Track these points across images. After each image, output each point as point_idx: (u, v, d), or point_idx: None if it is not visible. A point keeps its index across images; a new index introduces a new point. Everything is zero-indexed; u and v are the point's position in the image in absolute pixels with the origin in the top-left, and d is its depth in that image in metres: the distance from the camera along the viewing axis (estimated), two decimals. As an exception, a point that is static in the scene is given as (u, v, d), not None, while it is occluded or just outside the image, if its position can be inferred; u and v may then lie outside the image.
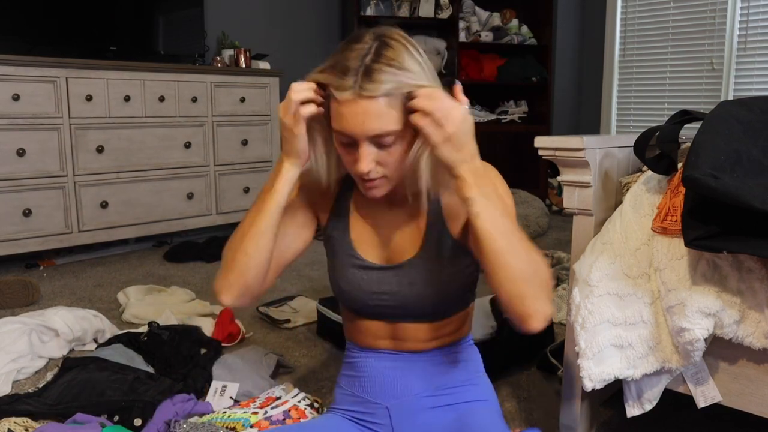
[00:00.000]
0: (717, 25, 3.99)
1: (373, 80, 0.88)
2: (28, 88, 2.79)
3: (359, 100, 0.89)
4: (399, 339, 1.13)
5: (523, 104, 4.91)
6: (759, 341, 1.03)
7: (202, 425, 1.29)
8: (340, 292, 1.13)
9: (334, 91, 0.91)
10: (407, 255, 1.08)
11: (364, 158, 0.92)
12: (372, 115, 0.89)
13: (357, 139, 0.92)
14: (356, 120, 0.90)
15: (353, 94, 0.89)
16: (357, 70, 0.89)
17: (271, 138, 3.79)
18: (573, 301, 1.19)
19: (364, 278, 1.09)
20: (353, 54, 0.91)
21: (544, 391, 1.67)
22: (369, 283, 1.09)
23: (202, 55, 3.74)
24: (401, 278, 1.07)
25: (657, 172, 1.23)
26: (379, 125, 0.90)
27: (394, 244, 1.09)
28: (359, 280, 1.10)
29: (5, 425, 1.37)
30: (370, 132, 0.91)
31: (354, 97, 0.89)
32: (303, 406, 1.47)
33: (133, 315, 2.21)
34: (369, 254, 1.10)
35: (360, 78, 0.89)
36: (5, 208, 2.78)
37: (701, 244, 0.98)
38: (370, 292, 1.09)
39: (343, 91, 0.89)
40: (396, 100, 0.90)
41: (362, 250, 1.10)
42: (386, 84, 0.88)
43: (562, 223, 4.02)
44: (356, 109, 0.89)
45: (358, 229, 1.11)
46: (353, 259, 1.10)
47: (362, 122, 0.90)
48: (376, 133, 0.91)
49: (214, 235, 3.51)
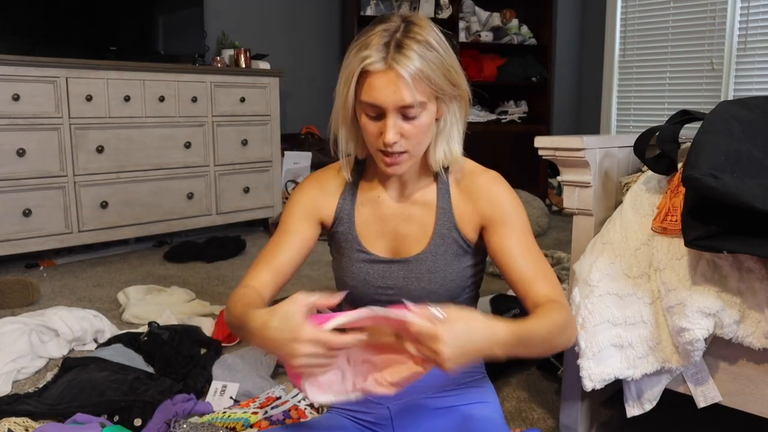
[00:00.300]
0: (717, 25, 3.99)
1: (404, 53, 0.94)
2: (28, 88, 2.79)
3: (391, 71, 0.94)
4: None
5: (523, 104, 4.91)
6: (759, 341, 1.03)
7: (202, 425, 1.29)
8: (346, 289, 1.13)
9: (366, 64, 0.95)
10: (414, 250, 1.08)
11: (391, 128, 0.96)
12: (403, 86, 0.94)
13: (386, 109, 0.96)
14: (388, 90, 0.94)
15: (385, 65, 0.94)
16: (389, 44, 0.95)
17: (271, 138, 3.79)
18: (573, 301, 1.19)
19: (370, 272, 1.10)
20: (384, 32, 0.97)
21: (544, 391, 1.67)
22: (375, 277, 1.09)
23: (202, 55, 3.74)
24: (407, 273, 1.08)
25: (657, 172, 1.23)
26: (409, 96, 0.94)
27: (401, 237, 1.10)
28: (365, 274, 1.10)
29: (5, 425, 1.37)
30: (400, 102, 0.95)
31: (386, 68, 0.94)
32: (303, 406, 1.47)
33: (133, 315, 2.21)
34: (375, 247, 1.11)
35: (392, 50, 0.94)
36: (5, 208, 2.78)
37: (701, 244, 0.98)
38: (375, 286, 1.09)
39: (377, 63, 0.94)
40: (423, 74, 0.95)
41: (368, 243, 1.11)
42: (416, 59, 0.94)
43: (562, 223, 4.02)
44: (388, 79, 0.94)
45: (364, 224, 1.12)
46: (360, 253, 1.11)
47: (393, 92, 0.94)
48: (406, 103, 0.95)
49: (214, 235, 3.51)
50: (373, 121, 0.99)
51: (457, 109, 1.05)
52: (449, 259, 1.08)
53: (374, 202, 1.12)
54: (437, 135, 1.05)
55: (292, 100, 4.42)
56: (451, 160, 1.07)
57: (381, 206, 1.11)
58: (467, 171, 1.10)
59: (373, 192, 1.12)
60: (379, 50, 0.95)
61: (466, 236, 1.08)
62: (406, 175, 1.09)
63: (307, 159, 4.09)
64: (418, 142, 1.00)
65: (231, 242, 3.29)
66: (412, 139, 0.99)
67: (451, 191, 1.09)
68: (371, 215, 1.12)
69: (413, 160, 1.02)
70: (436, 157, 1.06)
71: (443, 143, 1.05)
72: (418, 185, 1.10)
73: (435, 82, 0.97)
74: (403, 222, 1.10)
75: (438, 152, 1.05)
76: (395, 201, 1.11)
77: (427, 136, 1.02)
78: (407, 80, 0.94)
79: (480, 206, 1.07)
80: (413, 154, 1.01)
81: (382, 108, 0.96)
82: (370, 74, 0.95)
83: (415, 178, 1.10)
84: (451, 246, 1.08)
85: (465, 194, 1.08)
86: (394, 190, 1.11)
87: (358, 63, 0.96)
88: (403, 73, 0.93)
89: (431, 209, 1.09)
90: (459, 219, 1.08)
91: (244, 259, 3.18)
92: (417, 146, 1.00)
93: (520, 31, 4.75)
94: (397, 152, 0.99)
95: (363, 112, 1.00)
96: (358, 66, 0.96)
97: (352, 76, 0.97)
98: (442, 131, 1.05)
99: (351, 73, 0.97)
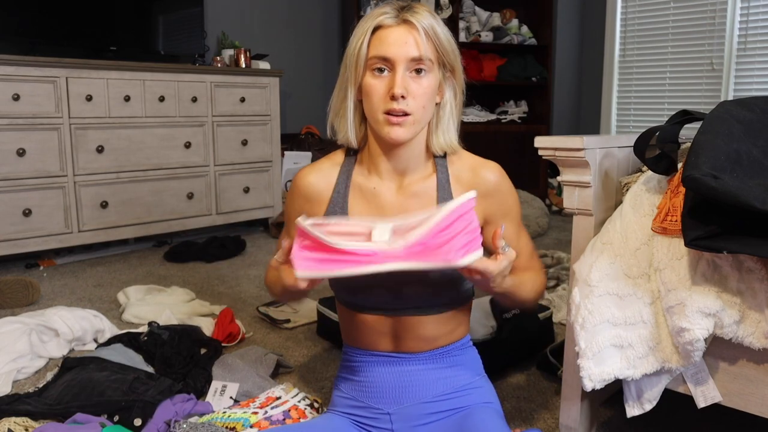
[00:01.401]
0: (717, 25, 3.99)
1: (415, 12, 1.01)
2: (28, 88, 2.79)
3: (404, 23, 1.00)
4: (401, 337, 1.13)
5: (523, 104, 4.91)
6: (759, 341, 1.03)
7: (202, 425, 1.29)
8: (344, 282, 1.12)
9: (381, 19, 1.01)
10: None
11: (400, 81, 0.99)
12: (417, 37, 1.00)
13: (395, 62, 1.00)
14: (399, 41, 0.99)
15: (398, 20, 1.01)
16: (399, 7, 1.02)
17: (271, 138, 3.79)
18: (573, 301, 1.19)
19: None
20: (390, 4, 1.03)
21: (544, 391, 1.67)
22: None
23: (202, 55, 3.74)
24: None
25: (657, 172, 1.23)
26: (420, 48, 1.00)
27: None
28: None
29: (5, 425, 1.37)
30: (411, 53, 1.00)
31: (399, 22, 1.01)
32: (303, 406, 1.47)
33: (133, 315, 2.21)
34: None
35: (403, 10, 1.02)
36: (5, 208, 2.78)
37: (701, 244, 0.98)
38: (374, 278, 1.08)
39: (390, 18, 1.01)
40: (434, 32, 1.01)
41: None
42: (428, 17, 1.02)
43: (562, 223, 4.02)
44: (399, 32, 1.00)
45: (358, 216, 1.10)
46: None
47: (405, 43, 0.99)
48: (416, 55, 1.00)
49: (214, 235, 3.51)
50: (380, 80, 1.01)
51: (453, 95, 1.09)
52: None
53: (371, 195, 1.10)
54: (438, 118, 1.08)
55: (292, 100, 4.42)
56: (450, 148, 1.09)
57: (378, 198, 1.10)
58: (468, 164, 1.12)
59: (368, 185, 1.11)
60: (392, 10, 1.01)
61: None
62: (403, 163, 1.08)
63: (307, 159, 4.09)
64: (423, 105, 1.02)
65: (231, 242, 3.29)
66: (418, 99, 1.01)
67: (452, 184, 1.09)
68: (367, 208, 1.10)
69: (415, 127, 1.03)
70: (438, 140, 1.08)
71: (444, 128, 1.08)
72: (416, 175, 1.09)
73: (443, 45, 1.03)
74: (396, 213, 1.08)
75: (440, 137, 1.08)
76: (393, 192, 1.10)
77: (430, 105, 1.04)
78: (420, 32, 0.99)
79: (486, 202, 1.09)
80: (417, 119, 1.02)
81: (393, 61, 0.99)
82: (383, 29, 1.01)
83: (412, 168, 1.09)
84: None
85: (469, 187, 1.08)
86: (391, 181, 1.10)
87: (372, 19, 1.01)
88: (417, 24, 0.99)
89: (432, 200, 1.09)
90: None
91: (244, 259, 3.18)
92: (421, 110, 1.02)
93: (520, 31, 4.75)
94: (402, 112, 1.00)
95: (370, 72, 1.02)
96: (373, 22, 1.01)
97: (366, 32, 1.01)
98: (442, 117, 1.08)
99: (364, 30, 1.02)
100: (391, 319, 1.12)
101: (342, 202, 1.11)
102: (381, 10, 1.02)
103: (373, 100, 1.02)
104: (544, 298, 2.35)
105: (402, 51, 0.99)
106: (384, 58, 1.00)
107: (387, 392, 1.14)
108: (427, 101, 1.02)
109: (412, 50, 0.99)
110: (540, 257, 2.78)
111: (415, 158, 1.09)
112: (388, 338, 1.14)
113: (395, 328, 1.13)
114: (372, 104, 1.02)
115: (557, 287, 2.52)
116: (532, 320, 1.87)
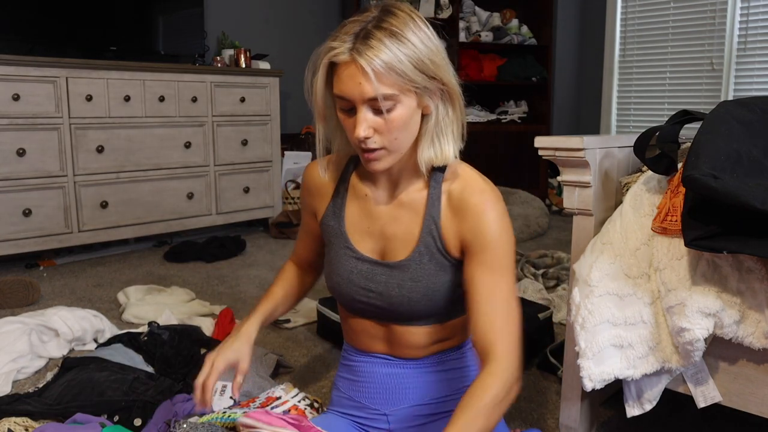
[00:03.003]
0: (717, 25, 3.99)
1: (370, 45, 0.89)
2: (28, 88, 2.79)
3: (355, 62, 0.90)
4: (393, 343, 1.12)
5: (523, 104, 4.91)
6: (759, 341, 1.03)
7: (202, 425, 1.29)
8: (332, 285, 1.12)
9: (331, 55, 0.92)
10: (400, 255, 1.06)
11: (361, 123, 0.93)
12: (368, 78, 0.89)
13: (355, 102, 0.92)
14: (353, 81, 0.90)
15: (350, 57, 0.90)
16: (357, 34, 0.91)
17: (271, 138, 3.79)
18: (573, 301, 1.19)
19: (355, 271, 1.08)
20: (357, 22, 0.94)
21: (544, 391, 1.67)
22: (359, 276, 1.08)
23: (202, 55, 3.74)
24: (389, 278, 1.05)
25: (657, 172, 1.23)
26: (375, 88, 0.90)
27: (387, 238, 1.07)
28: (349, 272, 1.08)
29: (5, 425, 1.37)
30: (366, 94, 0.91)
31: (350, 59, 0.90)
32: (303, 406, 1.47)
33: (133, 315, 2.21)
34: (362, 246, 1.09)
35: (359, 41, 0.90)
36: (5, 208, 2.78)
37: (701, 244, 0.98)
38: (359, 286, 1.08)
39: (341, 54, 0.91)
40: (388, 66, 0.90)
41: (356, 241, 1.09)
42: (382, 50, 0.89)
43: (562, 223, 4.02)
44: (353, 71, 0.90)
45: (352, 221, 1.10)
46: (347, 249, 1.09)
47: (359, 83, 0.90)
48: (371, 95, 0.90)
49: (214, 235, 3.51)
50: (348, 115, 0.96)
51: (449, 107, 0.99)
52: (433, 270, 1.04)
53: (363, 200, 1.09)
54: (424, 133, 0.99)
55: (292, 100, 4.42)
56: (442, 162, 1.01)
57: (369, 204, 1.09)
58: (464, 184, 1.03)
59: (362, 189, 1.10)
60: (346, 41, 0.91)
61: (449, 251, 1.03)
62: (396, 173, 1.05)
63: (307, 159, 4.09)
64: (395, 137, 0.95)
65: (231, 242, 3.29)
66: (387, 135, 0.94)
67: (442, 201, 1.03)
68: (360, 213, 1.09)
69: (393, 156, 0.97)
70: (423, 157, 1.00)
71: (432, 142, 1.00)
72: (409, 186, 1.06)
73: (406, 75, 0.91)
74: (390, 223, 1.07)
75: (425, 152, 1.00)
76: (384, 200, 1.08)
77: (406, 132, 0.96)
78: (369, 73, 0.89)
79: (464, 228, 1.01)
80: (391, 150, 0.96)
81: (352, 101, 0.93)
82: (338, 65, 0.93)
83: (406, 178, 1.05)
84: (435, 256, 1.03)
85: (454, 210, 1.02)
86: (383, 189, 1.08)
87: (324, 53, 0.94)
88: (364, 65, 0.89)
89: (419, 215, 1.04)
90: (445, 232, 1.03)
91: (244, 259, 3.18)
92: (394, 142, 0.95)
93: (520, 31, 4.75)
94: (372, 148, 0.95)
95: (339, 108, 0.97)
96: (324, 56, 0.93)
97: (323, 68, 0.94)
98: (429, 129, 0.99)
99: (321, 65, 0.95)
100: (382, 327, 1.12)
101: (341, 203, 1.11)
102: (333, 43, 0.93)
103: (348, 136, 0.98)
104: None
105: (356, 92, 0.91)
106: (343, 98, 0.93)
107: (383, 393, 1.13)
108: (398, 132, 0.95)
109: (367, 91, 0.90)
110: (540, 257, 2.79)
111: (408, 171, 1.04)
112: (382, 342, 1.13)
113: (387, 335, 1.12)
114: (348, 136, 0.99)
115: (557, 287, 2.51)
116: (532, 320, 1.87)
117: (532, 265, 2.70)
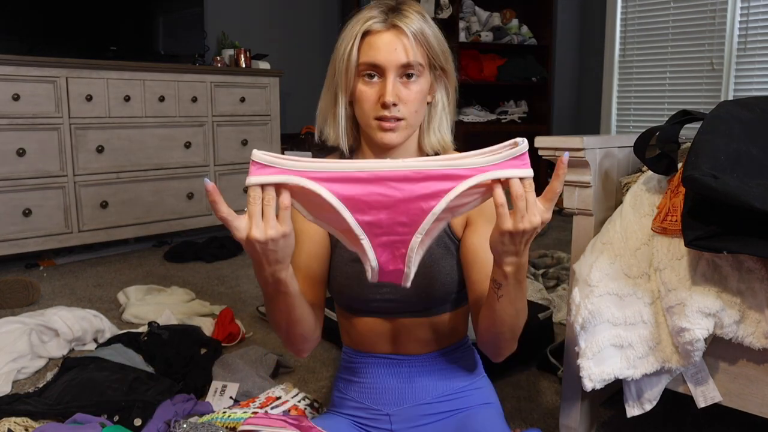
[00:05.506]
0: (717, 25, 3.99)
1: (404, 16, 0.98)
2: (28, 88, 2.79)
3: (393, 29, 0.98)
4: (398, 340, 1.12)
5: (523, 104, 4.91)
6: (759, 341, 1.03)
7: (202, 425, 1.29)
8: (339, 288, 1.11)
9: (369, 24, 0.98)
10: None
11: (391, 88, 0.97)
12: (405, 43, 0.97)
13: (386, 68, 0.98)
14: (388, 48, 0.97)
15: (386, 25, 0.98)
16: (387, 9, 0.99)
17: (271, 138, 3.79)
18: (573, 301, 1.19)
19: (363, 270, 1.08)
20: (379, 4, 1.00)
21: (544, 391, 1.67)
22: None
23: (202, 55, 3.74)
24: None
25: (657, 172, 1.23)
26: (409, 54, 0.97)
27: None
28: (358, 273, 1.07)
29: (5, 425, 1.37)
30: (401, 59, 0.97)
31: (388, 27, 0.98)
32: (303, 406, 1.47)
33: (133, 315, 2.21)
34: None
35: (392, 13, 0.99)
36: (5, 208, 2.78)
37: (701, 244, 0.98)
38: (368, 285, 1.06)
39: (378, 23, 0.98)
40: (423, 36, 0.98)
41: None
42: (417, 20, 0.99)
43: (562, 223, 4.01)
44: (388, 37, 0.98)
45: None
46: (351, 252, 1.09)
47: (394, 49, 0.97)
48: (405, 61, 0.97)
49: (214, 235, 3.51)
50: (370, 86, 1.00)
51: (446, 94, 1.07)
52: (441, 253, 1.07)
53: None
54: (430, 118, 1.07)
55: (292, 100, 4.42)
56: (444, 147, 1.08)
57: None
58: None
59: None
60: (380, 13, 0.99)
61: (455, 233, 1.08)
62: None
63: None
64: (415, 110, 1.01)
65: (231, 242, 3.29)
66: (410, 105, 1.00)
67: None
68: None
69: (408, 131, 1.02)
70: (430, 140, 1.07)
71: (435, 128, 1.07)
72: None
73: (433, 49, 1.00)
74: None
75: (432, 136, 1.07)
76: None
77: (422, 108, 1.03)
78: (409, 37, 0.97)
79: None
80: (409, 123, 1.01)
81: (383, 67, 0.98)
82: (372, 34, 0.98)
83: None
84: (443, 239, 1.07)
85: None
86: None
87: (360, 24, 0.99)
88: (406, 30, 0.97)
89: None
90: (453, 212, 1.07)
91: (244, 259, 3.18)
92: (414, 114, 1.01)
93: (520, 31, 4.75)
94: (394, 118, 0.99)
95: (360, 78, 1.00)
96: (361, 27, 0.99)
97: (355, 37, 0.99)
98: (434, 115, 1.07)
99: (353, 35, 0.99)
100: (388, 323, 1.12)
101: None
102: (369, 13, 1.00)
103: (365, 107, 1.01)
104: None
105: (392, 57, 0.97)
106: (374, 65, 0.98)
107: (386, 394, 1.13)
108: (418, 105, 1.01)
109: (402, 56, 0.97)
110: (540, 257, 2.79)
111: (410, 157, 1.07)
112: (386, 341, 1.13)
113: (393, 332, 1.12)
114: (363, 110, 1.01)
115: (557, 287, 2.51)
116: (532, 320, 1.87)
117: (532, 265, 2.70)
